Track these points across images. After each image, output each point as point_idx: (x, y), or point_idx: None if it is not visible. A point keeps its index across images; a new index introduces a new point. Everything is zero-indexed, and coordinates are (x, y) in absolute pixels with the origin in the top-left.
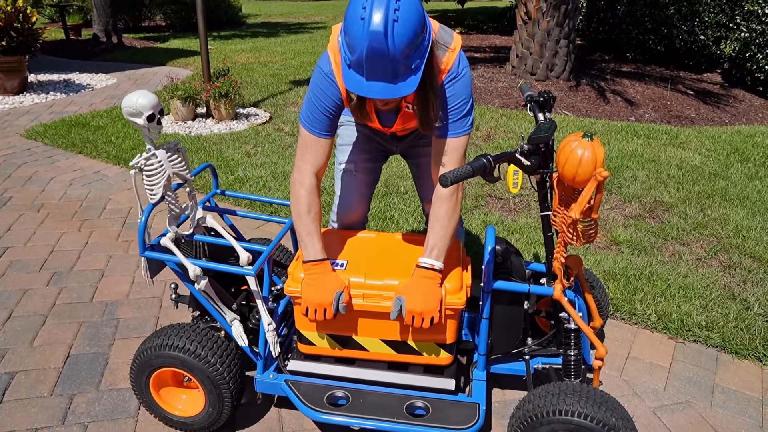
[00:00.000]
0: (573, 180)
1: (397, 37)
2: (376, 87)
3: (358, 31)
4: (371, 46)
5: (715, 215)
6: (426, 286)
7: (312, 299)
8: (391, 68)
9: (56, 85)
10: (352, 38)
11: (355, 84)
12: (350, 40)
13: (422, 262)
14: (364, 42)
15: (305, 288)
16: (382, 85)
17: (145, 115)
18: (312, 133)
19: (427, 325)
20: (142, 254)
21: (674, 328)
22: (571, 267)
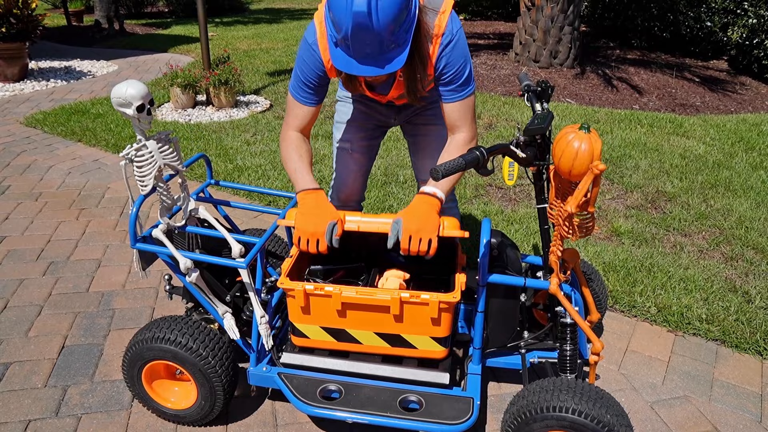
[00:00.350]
0: (569, 173)
1: (381, 12)
2: (363, 65)
3: (341, 10)
4: (356, 24)
5: (718, 206)
6: (425, 210)
7: (305, 228)
8: (377, 45)
9: (57, 72)
10: (336, 16)
11: (343, 63)
12: (335, 18)
13: (424, 189)
14: (349, 20)
15: (298, 218)
16: (369, 62)
17: (134, 105)
18: (296, 100)
19: (424, 249)
20: (133, 246)
21: (674, 321)
22: (568, 260)
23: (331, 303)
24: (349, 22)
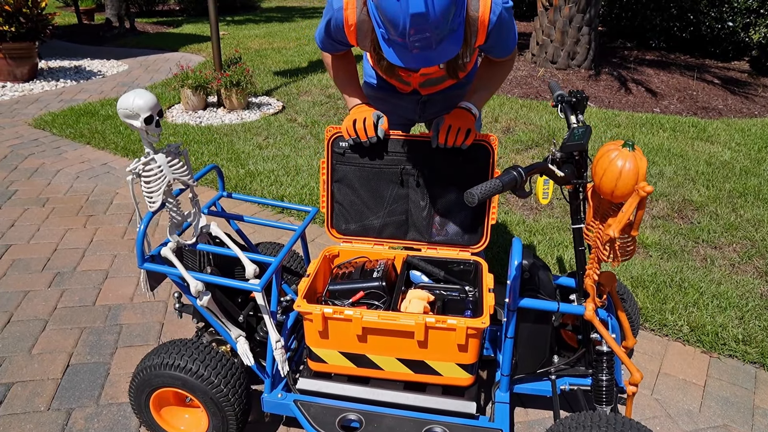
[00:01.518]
0: (611, 194)
1: (438, 6)
2: (419, 57)
3: (395, 11)
4: (414, 23)
5: (748, 216)
6: (461, 112)
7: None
8: (434, 37)
9: (67, 72)
10: (389, 16)
11: (398, 59)
12: (388, 18)
13: (461, 104)
14: (405, 22)
15: (346, 119)
16: (424, 54)
17: (142, 117)
18: (325, 50)
19: (462, 139)
20: (141, 266)
21: (708, 342)
22: (604, 284)
23: (351, 327)
24: (407, 22)
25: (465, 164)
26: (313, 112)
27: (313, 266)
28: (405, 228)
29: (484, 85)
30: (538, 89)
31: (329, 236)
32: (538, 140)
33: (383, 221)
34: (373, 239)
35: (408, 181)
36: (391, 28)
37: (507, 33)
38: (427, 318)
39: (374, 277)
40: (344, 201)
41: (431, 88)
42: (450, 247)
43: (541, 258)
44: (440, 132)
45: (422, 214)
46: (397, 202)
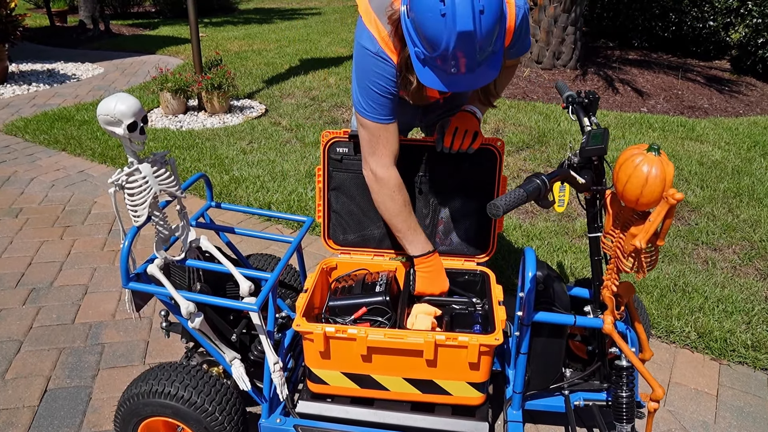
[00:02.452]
0: (636, 202)
1: (485, 26)
2: (458, 79)
3: (439, 29)
4: (459, 42)
5: (745, 216)
6: (466, 115)
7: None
8: (478, 57)
9: (39, 76)
10: (431, 35)
11: (435, 81)
12: (429, 37)
13: (465, 108)
14: (449, 41)
15: (423, 282)
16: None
17: (125, 123)
18: (379, 122)
19: (468, 142)
20: (126, 286)
21: (717, 348)
22: (622, 295)
23: (355, 347)
24: (451, 41)
25: (470, 170)
26: (298, 115)
27: (311, 281)
28: None
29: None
30: (525, 89)
31: (326, 247)
32: (529, 141)
33: (383, 231)
34: (373, 250)
35: (410, 188)
36: (431, 47)
37: (526, 33)
38: (436, 336)
39: (377, 291)
40: (342, 210)
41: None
42: (455, 257)
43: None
44: (446, 135)
45: (425, 223)
46: None
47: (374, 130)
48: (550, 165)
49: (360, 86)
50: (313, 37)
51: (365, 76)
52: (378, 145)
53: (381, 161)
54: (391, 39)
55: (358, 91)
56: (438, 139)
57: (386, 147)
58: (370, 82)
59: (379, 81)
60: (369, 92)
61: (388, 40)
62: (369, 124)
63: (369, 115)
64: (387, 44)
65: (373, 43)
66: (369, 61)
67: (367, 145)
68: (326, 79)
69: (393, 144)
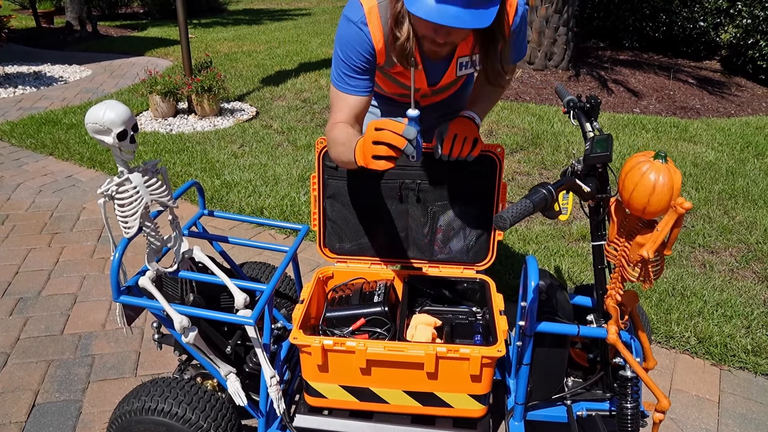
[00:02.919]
0: (643, 211)
1: None
2: (451, 12)
3: None
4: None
5: (740, 218)
6: (465, 121)
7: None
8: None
9: (25, 78)
10: None
11: (424, 7)
12: None
13: (464, 113)
14: None
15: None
16: (457, 10)
17: (114, 132)
18: (343, 91)
19: (468, 148)
20: (116, 299)
21: (717, 353)
22: (626, 304)
23: (354, 360)
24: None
25: (469, 177)
26: (289, 118)
27: (307, 291)
28: (405, 246)
29: (485, 96)
30: (517, 90)
31: (322, 256)
32: (523, 143)
33: (381, 239)
34: (370, 258)
35: (407, 196)
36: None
37: (524, 36)
38: (438, 348)
39: (375, 301)
40: (338, 218)
41: (432, 98)
42: (454, 265)
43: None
44: (445, 142)
45: (423, 231)
46: (395, 219)
47: (335, 97)
48: (544, 167)
49: (335, 54)
50: (303, 38)
51: (340, 45)
52: (335, 110)
53: (333, 120)
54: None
55: (333, 61)
56: (436, 146)
57: (341, 111)
58: (342, 52)
59: (349, 51)
60: (339, 61)
61: (375, 12)
62: (333, 90)
63: (336, 81)
64: (371, 16)
65: (357, 12)
66: (346, 30)
67: (332, 108)
68: (317, 80)
69: (350, 111)
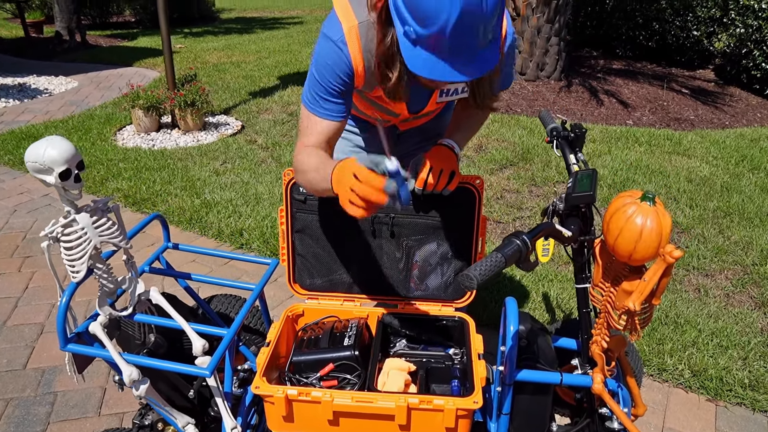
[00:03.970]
0: (629, 257)
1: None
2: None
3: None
4: (464, 14)
5: (736, 238)
6: (443, 151)
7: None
8: (480, 39)
9: (9, 90)
10: (428, 8)
11: (426, 65)
12: (425, 10)
13: (443, 141)
14: (452, 17)
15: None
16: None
17: (56, 171)
18: (316, 114)
19: (444, 182)
20: (63, 348)
21: (712, 388)
22: (613, 350)
23: (321, 411)
24: (455, 14)
25: (446, 210)
26: (274, 132)
27: (274, 332)
28: (379, 282)
29: (466, 124)
30: (509, 102)
31: (292, 292)
32: (513, 159)
33: (353, 275)
34: (343, 295)
35: (381, 231)
36: (425, 23)
37: (511, 65)
38: (409, 399)
39: (345, 345)
40: (307, 253)
41: (411, 123)
42: (431, 302)
43: (527, 292)
44: (420, 175)
45: (398, 267)
46: (368, 254)
47: (306, 120)
48: (534, 184)
49: (310, 74)
50: (294, 47)
51: (316, 65)
52: (305, 135)
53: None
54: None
55: (308, 79)
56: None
57: (312, 136)
58: (318, 73)
59: (328, 75)
60: (314, 82)
61: (355, 32)
62: (304, 111)
63: (308, 104)
64: (351, 35)
65: (337, 31)
66: (324, 49)
67: (301, 131)
68: None
69: (321, 137)
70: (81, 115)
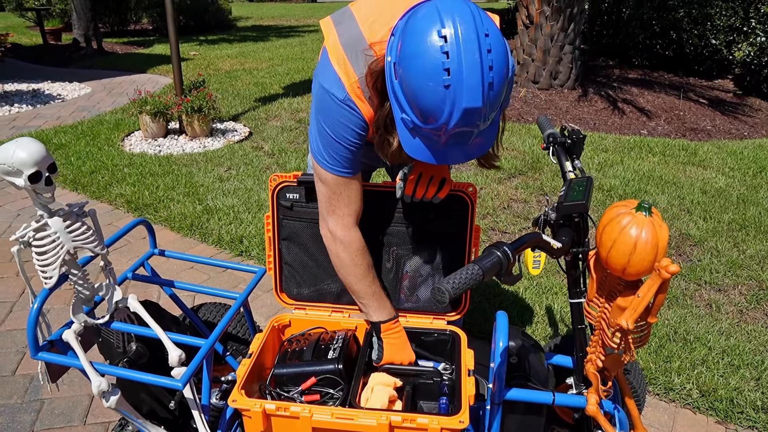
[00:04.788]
0: (623, 271)
1: (493, 98)
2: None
3: (440, 101)
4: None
5: (751, 252)
6: None
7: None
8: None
9: (23, 96)
10: (429, 107)
11: (426, 153)
12: (426, 108)
13: None
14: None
15: (391, 351)
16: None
17: (26, 173)
18: (341, 175)
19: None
20: (34, 356)
21: (722, 409)
22: (610, 369)
23: (299, 427)
24: (454, 117)
25: (437, 219)
26: (281, 139)
27: (257, 343)
28: None
29: None
30: (520, 111)
31: (279, 302)
32: (522, 168)
33: (342, 285)
34: (331, 306)
35: (370, 240)
36: (426, 119)
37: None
38: (391, 416)
39: (329, 358)
40: (294, 262)
41: None
42: (422, 315)
43: (508, 312)
44: (408, 181)
45: (388, 278)
46: None
47: (335, 186)
48: (543, 193)
49: (321, 135)
50: (307, 55)
51: (328, 125)
52: (339, 203)
53: (342, 221)
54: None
55: (319, 140)
56: (399, 185)
57: (348, 205)
58: (334, 133)
59: (345, 133)
60: (331, 143)
61: (357, 88)
62: (329, 177)
63: (330, 167)
64: (355, 92)
65: (341, 89)
66: (334, 109)
67: (326, 201)
68: None
69: (356, 201)
70: (91, 121)
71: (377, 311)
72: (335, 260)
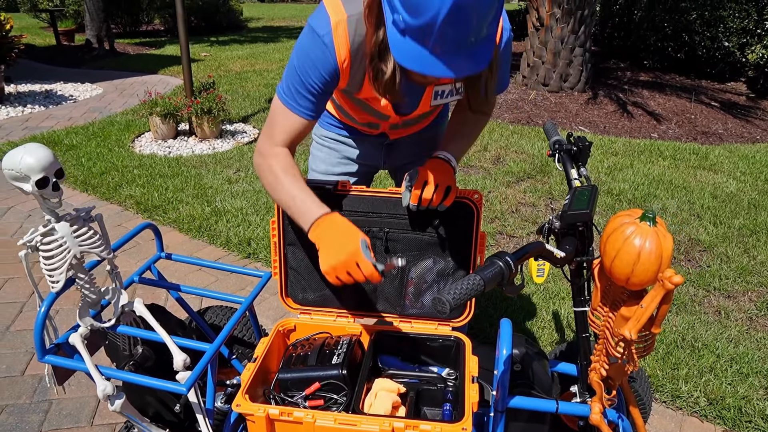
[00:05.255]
0: (626, 281)
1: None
2: (443, 62)
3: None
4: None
5: (762, 258)
6: (439, 164)
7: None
8: (474, 32)
9: (36, 97)
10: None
11: (414, 57)
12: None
13: (438, 154)
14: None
15: (321, 253)
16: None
17: (33, 179)
18: (290, 109)
19: (440, 197)
20: (41, 359)
21: (730, 418)
22: (614, 378)
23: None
24: (443, 11)
25: (442, 226)
26: None
27: (262, 347)
28: (373, 299)
29: (463, 133)
30: (530, 114)
31: (284, 306)
32: (531, 171)
33: (347, 290)
34: (336, 311)
35: (375, 246)
36: (414, 12)
37: (507, 63)
38: (395, 422)
39: (333, 363)
40: (300, 267)
41: (403, 131)
42: (427, 321)
43: (536, 310)
44: (414, 189)
45: (393, 284)
46: None
47: (279, 112)
48: (552, 197)
49: (289, 66)
50: None
51: (299, 57)
52: (274, 126)
53: (269, 139)
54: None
55: (287, 69)
56: (404, 193)
57: (282, 132)
58: (300, 67)
59: (310, 71)
60: (294, 75)
61: (344, 26)
62: (278, 105)
63: (284, 98)
64: (339, 30)
65: (325, 24)
66: (309, 45)
67: (266, 127)
68: None
69: (290, 134)
70: (102, 122)
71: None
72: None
